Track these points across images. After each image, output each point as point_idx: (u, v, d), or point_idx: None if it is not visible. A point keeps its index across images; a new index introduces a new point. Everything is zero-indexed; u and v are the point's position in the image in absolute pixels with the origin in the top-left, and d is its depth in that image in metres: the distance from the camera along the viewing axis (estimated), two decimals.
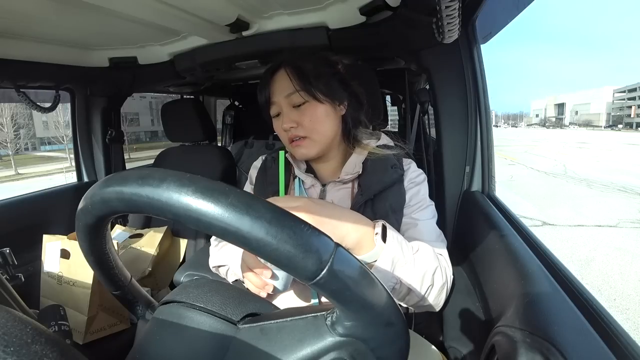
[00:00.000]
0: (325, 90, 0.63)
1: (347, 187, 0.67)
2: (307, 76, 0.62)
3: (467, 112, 0.87)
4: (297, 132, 0.64)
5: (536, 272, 0.47)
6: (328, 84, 0.64)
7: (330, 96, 0.64)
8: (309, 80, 0.62)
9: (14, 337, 0.17)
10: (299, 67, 0.63)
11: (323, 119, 0.64)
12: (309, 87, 0.62)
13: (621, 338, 0.35)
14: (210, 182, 0.23)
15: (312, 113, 0.63)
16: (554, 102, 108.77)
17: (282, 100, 0.64)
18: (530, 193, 6.23)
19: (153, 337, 0.32)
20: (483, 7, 0.72)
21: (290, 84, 0.62)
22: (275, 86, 0.65)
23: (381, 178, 0.64)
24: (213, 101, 2.35)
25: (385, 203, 0.63)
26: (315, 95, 0.62)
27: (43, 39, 0.93)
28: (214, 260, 0.71)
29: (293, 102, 0.63)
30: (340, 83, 0.67)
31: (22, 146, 27.42)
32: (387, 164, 0.66)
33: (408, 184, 0.66)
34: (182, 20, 0.79)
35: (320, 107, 0.63)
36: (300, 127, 0.63)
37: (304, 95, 0.62)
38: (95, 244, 0.31)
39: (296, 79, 0.62)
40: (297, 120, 0.63)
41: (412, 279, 0.53)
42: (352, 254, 0.25)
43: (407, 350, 0.27)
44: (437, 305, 0.58)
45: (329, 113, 0.65)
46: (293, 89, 0.62)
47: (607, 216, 4.72)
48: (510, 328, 0.40)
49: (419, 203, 0.65)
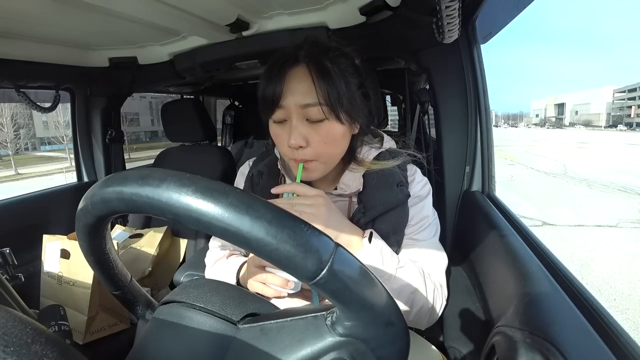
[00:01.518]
0: (350, 109, 0.51)
1: (344, 200, 0.61)
2: (335, 86, 0.49)
3: (467, 112, 0.87)
4: (304, 155, 0.52)
5: (536, 272, 0.47)
6: (354, 99, 0.52)
7: (353, 117, 0.53)
8: (337, 93, 0.49)
9: (14, 337, 0.17)
10: (326, 70, 0.49)
11: (338, 141, 0.53)
12: (334, 103, 0.49)
13: (621, 338, 0.35)
14: (210, 182, 0.23)
15: (327, 133, 0.51)
16: (554, 102, 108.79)
17: (296, 108, 0.50)
18: (530, 193, 6.24)
19: (153, 337, 0.32)
20: (483, 7, 0.72)
21: (313, 91, 0.49)
22: (291, 87, 0.50)
23: (385, 198, 0.57)
24: (213, 101, 2.35)
25: (387, 224, 0.57)
26: (339, 115, 0.50)
27: (43, 39, 0.93)
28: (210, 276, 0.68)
29: (308, 116, 0.51)
30: (363, 98, 0.55)
31: (22, 146, 27.42)
32: (393, 180, 0.58)
33: (412, 199, 0.59)
34: (182, 20, 0.79)
35: (339, 128, 0.52)
36: (309, 148, 0.52)
37: (325, 112, 0.50)
38: (95, 244, 0.31)
39: (322, 88, 0.49)
40: (307, 136, 0.51)
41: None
42: (352, 254, 0.25)
43: (407, 350, 0.27)
44: (419, 324, 0.58)
45: (345, 135, 0.54)
46: (315, 101, 0.49)
47: (607, 216, 4.72)
48: (510, 328, 0.40)
49: (421, 222, 0.60)
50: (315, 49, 0.53)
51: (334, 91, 0.49)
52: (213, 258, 0.70)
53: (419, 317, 0.56)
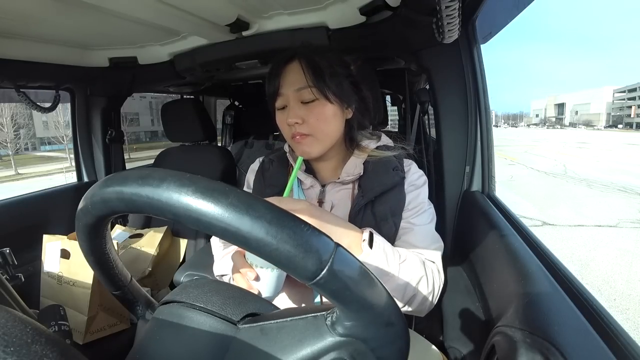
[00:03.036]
0: (337, 91, 0.61)
1: (348, 188, 0.66)
2: (322, 72, 0.60)
3: (467, 112, 0.87)
4: (301, 130, 0.61)
5: (536, 272, 0.47)
6: (341, 84, 0.62)
7: (341, 98, 0.62)
8: (323, 77, 0.59)
9: (14, 337, 0.17)
10: (314, 62, 0.60)
11: (330, 119, 0.62)
12: (322, 85, 0.59)
13: (621, 338, 0.35)
14: (210, 182, 0.23)
15: (320, 112, 0.61)
16: (554, 102, 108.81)
17: (291, 93, 0.61)
18: (530, 193, 6.24)
19: (153, 337, 0.32)
20: (483, 7, 0.72)
21: (303, 78, 0.60)
22: (287, 78, 0.62)
23: (382, 180, 0.63)
24: (213, 101, 2.35)
25: (385, 206, 0.62)
26: (326, 94, 0.60)
27: (43, 39, 0.93)
28: (217, 270, 0.70)
29: (302, 98, 0.61)
30: (352, 85, 0.65)
31: (22, 146, 27.41)
32: (389, 166, 0.65)
33: (408, 186, 0.65)
34: (182, 20, 0.79)
35: (329, 107, 0.61)
36: (305, 124, 0.61)
37: (315, 92, 0.60)
38: (95, 244, 0.31)
39: (310, 74, 0.59)
40: (303, 116, 0.61)
41: (395, 288, 0.54)
42: (352, 254, 0.25)
43: (407, 350, 0.27)
44: (422, 312, 0.59)
45: (336, 114, 0.63)
46: (305, 84, 0.60)
47: (607, 216, 4.72)
48: (510, 328, 0.40)
49: (417, 207, 0.64)
50: (307, 48, 0.64)
51: (320, 74, 0.59)
52: (219, 254, 0.72)
53: (426, 303, 0.57)
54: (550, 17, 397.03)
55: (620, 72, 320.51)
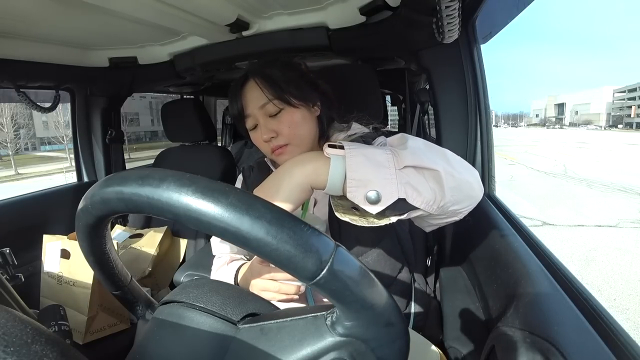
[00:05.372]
0: (297, 94, 0.62)
1: None
2: (277, 83, 0.61)
3: (467, 112, 0.87)
4: (278, 142, 0.62)
5: (536, 272, 0.47)
6: (299, 87, 0.63)
7: (304, 99, 0.63)
8: (279, 87, 0.61)
9: (14, 337, 0.17)
10: (267, 76, 0.62)
11: (301, 123, 0.63)
12: (281, 94, 0.61)
13: (621, 338, 0.35)
14: (210, 182, 0.23)
15: (290, 119, 0.62)
16: (554, 102, 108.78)
17: (257, 111, 0.63)
18: (530, 193, 6.23)
19: (153, 337, 0.32)
20: (483, 7, 0.72)
21: (262, 93, 0.61)
22: (247, 98, 0.63)
23: None
24: (213, 101, 2.35)
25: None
26: (289, 101, 0.61)
27: (43, 39, 0.93)
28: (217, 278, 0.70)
29: (269, 112, 0.62)
30: (309, 84, 0.66)
31: (22, 146, 27.41)
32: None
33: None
34: (182, 20, 0.79)
35: (297, 112, 0.62)
36: (280, 136, 0.62)
37: (278, 104, 0.61)
38: (95, 244, 0.31)
39: (267, 88, 0.61)
40: (275, 129, 0.62)
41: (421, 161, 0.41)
42: (352, 254, 0.24)
43: (407, 350, 0.27)
44: (477, 197, 0.48)
45: (305, 116, 0.64)
46: (266, 99, 0.61)
47: (607, 216, 4.72)
48: (510, 328, 0.40)
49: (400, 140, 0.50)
50: (256, 64, 0.66)
51: (276, 86, 0.61)
52: (216, 265, 0.73)
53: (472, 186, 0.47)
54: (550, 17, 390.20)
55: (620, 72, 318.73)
